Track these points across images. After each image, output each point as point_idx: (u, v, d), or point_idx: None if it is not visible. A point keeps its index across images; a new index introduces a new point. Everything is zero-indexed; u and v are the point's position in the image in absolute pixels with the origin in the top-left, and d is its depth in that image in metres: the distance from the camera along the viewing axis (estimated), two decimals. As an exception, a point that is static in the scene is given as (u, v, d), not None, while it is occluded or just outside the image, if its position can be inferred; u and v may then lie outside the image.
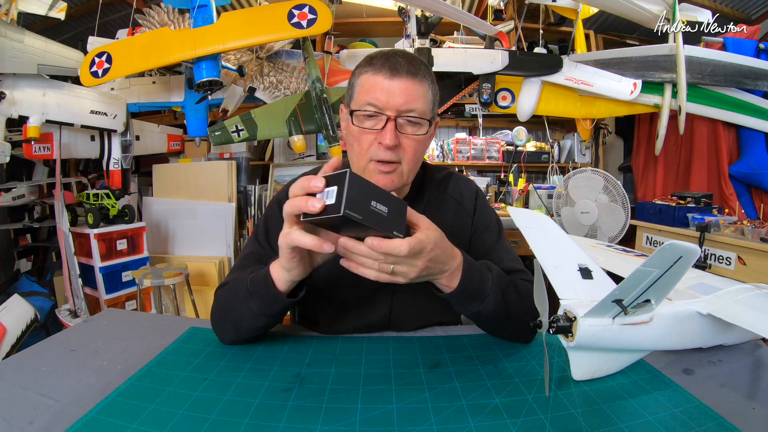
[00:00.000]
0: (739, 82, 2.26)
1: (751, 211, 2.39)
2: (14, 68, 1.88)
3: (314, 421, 0.54)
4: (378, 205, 0.53)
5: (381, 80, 0.74)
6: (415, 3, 2.27)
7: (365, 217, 0.52)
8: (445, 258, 0.63)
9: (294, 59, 2.46)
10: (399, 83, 0.74)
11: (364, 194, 0.52)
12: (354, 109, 0.77)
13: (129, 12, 2.31)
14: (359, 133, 0.76)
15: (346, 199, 0.50)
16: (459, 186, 0.93)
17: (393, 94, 0.73)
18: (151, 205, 2.86)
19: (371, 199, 0.53)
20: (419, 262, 0.59)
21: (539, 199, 2.75)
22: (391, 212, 0.55)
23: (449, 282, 0.66)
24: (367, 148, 0.76)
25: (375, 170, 0.76)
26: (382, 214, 0.54)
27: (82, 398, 0.59)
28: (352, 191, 0.51)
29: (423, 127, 0.76)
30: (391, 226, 0.55)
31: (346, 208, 0.50)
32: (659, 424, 0.53)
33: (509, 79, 2.43)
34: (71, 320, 2.16)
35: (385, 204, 0.54)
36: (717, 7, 2.82)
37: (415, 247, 0.57)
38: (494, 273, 0.72)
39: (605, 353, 0.62)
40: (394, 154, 0.75)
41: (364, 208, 0.52)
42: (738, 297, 0.66)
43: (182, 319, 0.86)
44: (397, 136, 0.74)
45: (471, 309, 0.70)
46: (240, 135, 2.25)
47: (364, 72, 0.77)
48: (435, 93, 0.79)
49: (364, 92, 0.76)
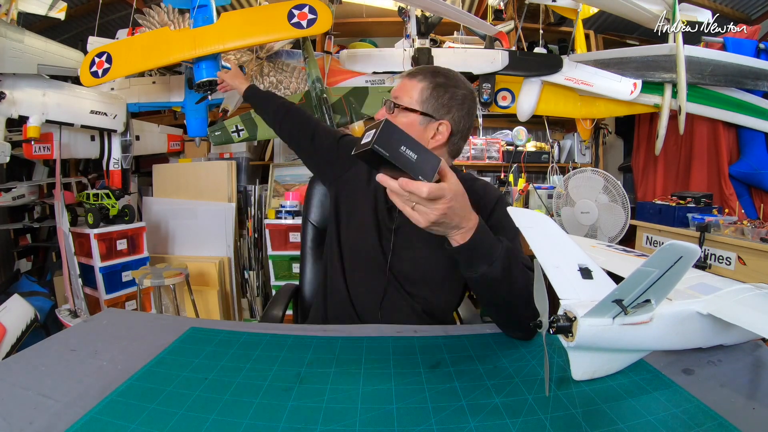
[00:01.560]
0: (739, 82, 2.25)
1: (751, 211, 2.39)
2: (14, 68, 1.88)
3: (314, 421, 0.54)
4: (408, 151, 0.63)
5: (398, 80, 1.04)
6: (415, 3, 2.27)
7: (392, 155, 0.62)
8: (462, 213, 0.70)
9: (294, 59, 2.46)
10: (400, 81, 1.01)
11: (395, 139, 0.63)
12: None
13: (129, 12, 2.31)
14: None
15: (378, 137, 0.62)
16: (486, 188, 1.04)
17: (394, 89, 1.01)
18: (151, 205, 2.86)
19: (402, 144, 0.63)
20: (438, 207, 0.66)
21: (539, 199, 2.75)
22: (421, 160, 0.64)
23: (461, 238, 0.72)
24: None
25: None
26: (410, 158, 0.63)
27: (82, 398, 0.59)
28: (384, 133, 0.62)
29: (405, 115, 0.96)
30: (416, 171, 0.64)
31: (375, 143, 0.61)
32: (659, 424, 0.53)
33: (509, 79, 2.43)
34: (71, 320, 2.16)
35: (416, 152, 0.64)
36: (717, 7, 2.82)
37: (434, 192, 0.64)
38: (505, 244, 0.77)
39: (605, 353, 0.62)
40: None
41: (392, 149, 0.62)
42: (738, 297, 0.66)
43: (182, 319, 0.86)
44: (386, 114, 0.98)
45: (478, 270, 0.74)
46: (240, 135, 2.25)
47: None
48: (438, 95, 0.96)
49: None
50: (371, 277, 1.00)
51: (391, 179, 0.65)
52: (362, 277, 1.01)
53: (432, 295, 0.99)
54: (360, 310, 1.00)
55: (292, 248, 2.46)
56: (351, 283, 1.02)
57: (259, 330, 0.83)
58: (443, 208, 0.66)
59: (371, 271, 1.00)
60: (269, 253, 2.50)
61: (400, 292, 0.99)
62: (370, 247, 1.01)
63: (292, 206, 2.46)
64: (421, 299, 0.99)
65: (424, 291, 0.99)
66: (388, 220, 1.02)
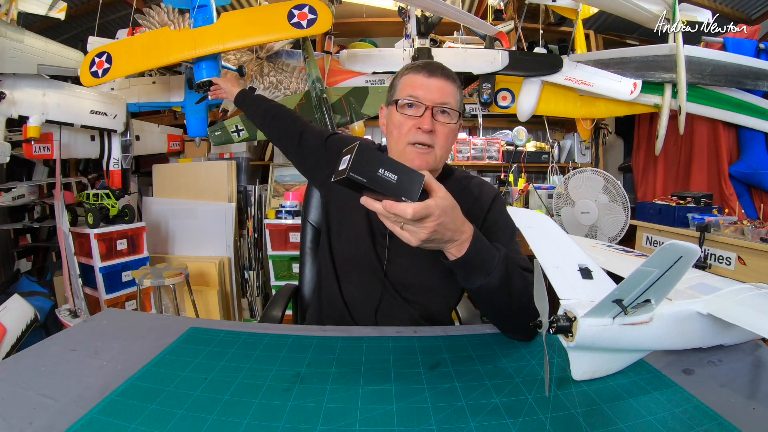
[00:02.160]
0: (739, 82, 2.25)
1: (751, 211, 2.39)
2: (14, 68, 1.88)
3: (314, 421, 0.54)
4: (386, 173, 0.61)
5: (421, 78, 0.92)
6: (415, 3, 2.27)
7: (370, 181, 0.60)
8: (454, 227, 0.68)
9: (294, 59, 2.46)
10: (435, 81, 0.91)
11: (372, 162, 0.60)
12: (398, 99, 0.93)
13: (129, 12, 2.31)
14: (402, 120, 0.92)
15: (352, 164, 0.59)
16: (481, 186, 1.03)
17: (430, 90, 0.91)
18: (151, 205, 2.86)
19: (379, 167, 0.61)
20: (427, 226, 0.65)
21: (539, 199, 2.75)
22: (403, 181, 0.62)
23: (457, 251, 0.70)
24: (406, 133, 0.92)
25: (413, 152, 0.92)
26: (390, 180, 0.61)
27: (82, 398, 0.59)
28: (359, 159, 0.60)
29: (453, 117, 0.93)
30: (399, 192, 0.62)
31: (351, 171, 0.59)
32: (659, 424, 0.53)
33: (509, 79, 2.43)
34: (71, 320, 2.16)
35: (396, 173, 0.61)
36: (717, 7, 2.82)
37: (420, 212, 0.62)
38: (502, 252, 0.75)
39: (605, 353, 0.62)
40: (429, 138, 0.91)
41: (370, 174, 0.60)
42: (738, 297, 0.66)
43: (182, 319, 0.86)
44: (432, 122, 0.90)
45: (476, 282, 0.73)
46: (240, 135, 2.25)
47: (405, 73, 0.95)
48: (462, 97, 0.97)
49: (406, 87, 0.93)
50: (366, 283, 0.98)
51: (375, 202, 0.64)
52: (357, 283, 0.99)
53: (429, 300, 0.98)
54: (356, 317, 0.98)
55: (292, 248, 2.46)
56: (345, 289, 1.00)
57: (259, 330, 0.83)
58: (432, 226, 0.64)
59: (366, 278, 0.98)
60: (269, 253, 2.51)
61: (396, 299, 0.97)
62: (364, 253, 0.98)
63: (292, 206, 2.46)
64: (419, 305, 0.97)
65: (421, 297, 0.97)
66: (381, 225, 0.98)
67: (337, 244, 1.03)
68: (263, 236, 2.70)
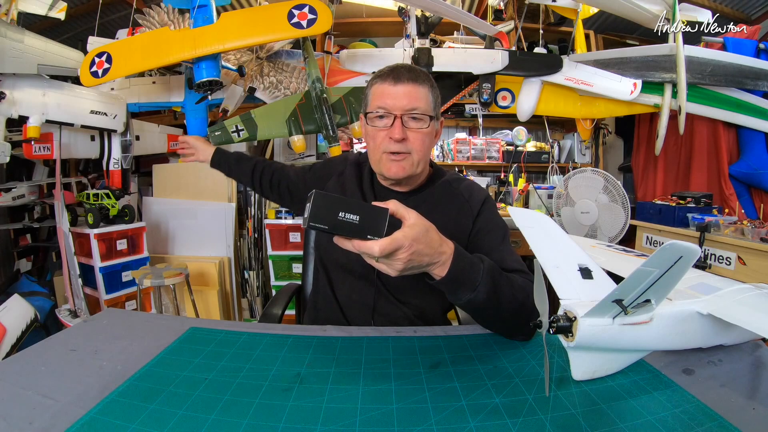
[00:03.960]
0: (739, 82, 2.25)
1: (751, 211, 2.39)
2: (14, 68, 1.88)
3: (314, 421, 0.54)
4: (348, 215, 0.61)
5: (387, 87, 0.91)
6: (415, 3, 2.27)
7: (331, 226, 0.61)
8: (431, 251, 0.67)
9: (294, 59, 2.46)
10: (402, 88, 0.90)
11: (330, 208, 0.61)
12: (367, 112, 0.94)
13: (129, 12, 2.31)
14: (374, 131, 0.94)
15: (311, 215, 0.60)
16: (471, 188, 1.04)
17: (397, 97, 0.90)
18: (151, 205, 2.85)
19: (339, 211, 0.61)
20: (400, 258, 0.64)
21: (539, 199, 2.75)
22: (365, 219, 0.62)
23: (440, 272, 0.70)
24: (380, 143, 0.92)
25: (388, 160, 0.93)
26: (352, 222, 0.61)
27: (82, 398, 0.59)
28: (316, 206, 0.60)
29: (425, 122, 0.91)
30: (364, 232, 0.62)
31: (311, 221, 0.60)
32: (659, 424, 0.53)
33: (509, 79, 2.42)
34: (71, 320, 2.16)
35: (358, 213, 0.62)
36: (717, 7, 2.82)
37: (387, 248, 0.62)
38: (486, 264, 0.75)
39: (605, 353, 0.62)
40: (403, 146, 0.91)
41: (330, 219, 0.61)
42: (738, 297, 0.66)
43: (182, 319, 0.86)
44: (403, 130, 0.90)
45: (462, 297, 0.73)
46: (240, 135, 2.25)
47: (373, 83, 0.95)
48: (436, 95, 0.95)
49: (375, 99, 0.93)
50: (360, 288, 0.99)
51: (346, 241, 0.64)
52: (351, 288, 1.00)
53: (423, 301, 0.99)
54: (352, 321, 0.99)
55: (292, 248, 2.46)
56: (340, 294, 1.01)
57: (259, 330, 0.83)
58: (405, 257, 0.64)
59: (359, 283, 0.99)
60: (269, 253, 2.50)
61: (390, 300, 0.97)
62: (356, 258, 0.97)
63: (292, 206, 2.46)
64: (413, 306, 0.98)
65: (415, 299, 0.98)
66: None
67: (328, 252, 1.05)
68: (263, 236, 2.70)
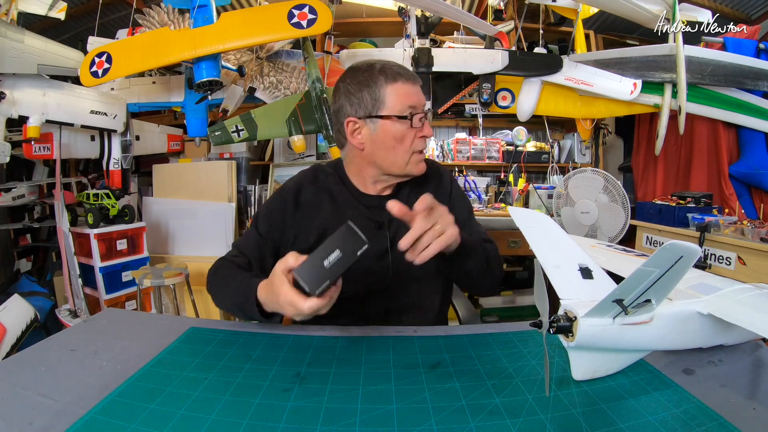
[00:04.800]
0: (739, 82, 2.25)
1: (751, 211, 2.39)
2: (14, 68, 1.88)
3: (314, 421, 0.54)
4: (330, 256, 0.64)
5: (409, 86, 0.92)
6: (415, 3, 2.27)
7: (332, 277, 0.64)
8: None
9: (294, 59, 2.46)
10: (417, 87, 0.94)
11: (315, 267, 0.64)
12: (399, 115, 0.91)
13: (129, 12, 2.31)
14: (405, 131, 0.92)
15: (309, 286, 0.64)
16: (438, 168, 1.11)
17: (420, 96, 0.93)
18: (151, 205, 2.86)
19: (323, 261, 0.63)
20: (443, 212, 0.77)
21: (539, 199, 2.75)
22: (346, 244, 0.65)
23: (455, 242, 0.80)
24: (410, 144, 0.93)
25: (418, 160, 0.95)
26: (338, 257, 0.64)
27: (82, 398, 0.59)
28: (305, 279, 0.63)
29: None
30: (354, 251, 0.65)
31: (313, 292, 0.63)
32: (659, 424, 0.53)
33: (509, 79, 2.42)
34: (71, 320, 2.16)
35: (334, 247, 0.64)
36: (717, 7, 2.82)
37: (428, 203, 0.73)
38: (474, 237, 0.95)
39: (605, 353, 0.62)
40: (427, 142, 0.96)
41: (324, 275, 0.63)
42: (738, 297, 0.66)
43: (182, 319, 0.86)
44: (431, 131, 0.96)
45: (468, 264, 0.89)
46: (240, 135, 2.25)
47: (389, 83, 0.91)
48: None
49: (400, 99, 0.91)
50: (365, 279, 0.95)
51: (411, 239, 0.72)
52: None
53: (422, 293, 1.01)
54: (351, 313, 0.96)
55: (292, 248, 2.46)
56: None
57: (259, 330, 0.83)
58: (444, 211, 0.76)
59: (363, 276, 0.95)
60: (269, 253, 2.50)
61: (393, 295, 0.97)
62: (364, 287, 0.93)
63: (292, 206, 2.46)
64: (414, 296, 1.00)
65: (417, 291, 0.99)
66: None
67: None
68: (263, 236, 2.69)
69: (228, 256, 0.98)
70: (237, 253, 0.98)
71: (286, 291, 0.66)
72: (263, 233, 0.98)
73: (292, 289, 0.66)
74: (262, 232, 0.99)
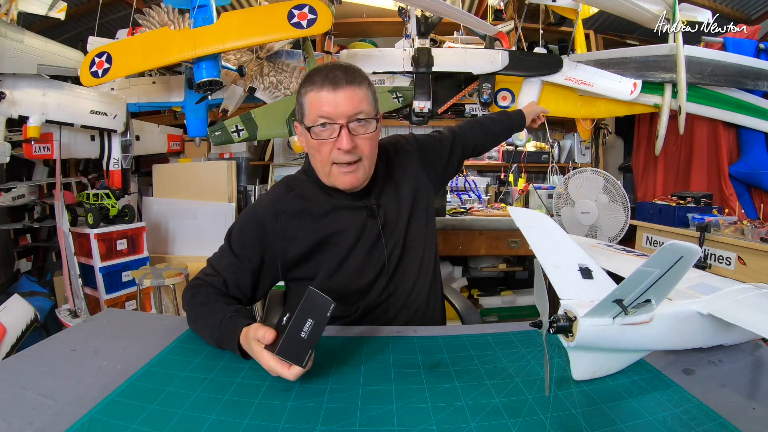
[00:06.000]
0: (739, 82, 2.25)
1: (751, 211, 2.38)
2: (14, 68, 1.88)
3: (314, 421, 0.54)
4: (305, 327, 0.63)
5: (326, 94, 0.84)
6: (415, 3, 2.26)
7: (312, 345, 0.62)
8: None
9: (294, 59, 2.45)
10: (342, 93, 0.84)
11: (294, 342, 0.62)
12: (309, 126, 0.86)
13: (129, 12, 2.31)
14: (318, 144, 0.87)
15: (296, 362, 0.61)
16: (395, 144, 1.08)
17: (339, 104, 0.84)
18: (151, 205, 2.85)
19: (299, 334, 0.62)
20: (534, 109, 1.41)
21: (539, 199, 2.75)
22: (315, 310, 0.64)
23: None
24: (328, 155, 0.87)
25: (339, 172, 0.89)
26: (312, 325, 0.63)
27: (82, 398, 0.59)
28: (290, 357, 0.61)
29: (371, 125, 0.88)
30: (324, 313, 0.64)
31: (301, 364, 0.61)
32: (659, 424, 0.53)
33: (509, 79, 2.42)
34: (71, 320, 2.16)
35: (306, 318, 0.63)
36: (717, 7, 2.82)
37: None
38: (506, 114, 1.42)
39: (605, 353, 0.62)
40: (353, 155, 0.87)
41: (305, 345, 0.62)
42: (738, 297, 0.66)
43: (182, 319, 0.86)
44: (351, 138, 0.85)
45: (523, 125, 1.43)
46: (240, 135, 2.25)
47: (308, 90, 0.87)
48: (374, 91, 0.91)
49: (313, 108, 0.86)
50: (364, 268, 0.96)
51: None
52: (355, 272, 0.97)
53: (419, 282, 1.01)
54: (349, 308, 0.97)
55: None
56: (338, 281, 0.95)
57: (259, 330, 0.83)
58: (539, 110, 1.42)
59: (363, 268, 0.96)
60: (269, 253, 2.49)
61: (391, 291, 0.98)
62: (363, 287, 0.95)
63: (292, 206, 2.46)
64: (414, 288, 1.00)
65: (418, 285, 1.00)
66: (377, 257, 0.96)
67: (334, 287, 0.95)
68: (263, 236, 2.69)
69: (203, 276, 0.91)
70: (212, 271, 0.91)
71: (267, 359, 0.64)
72: (237, 253, 0.92)
73: (273, 357, 0.63)
74: (236, 251, 0.92)
